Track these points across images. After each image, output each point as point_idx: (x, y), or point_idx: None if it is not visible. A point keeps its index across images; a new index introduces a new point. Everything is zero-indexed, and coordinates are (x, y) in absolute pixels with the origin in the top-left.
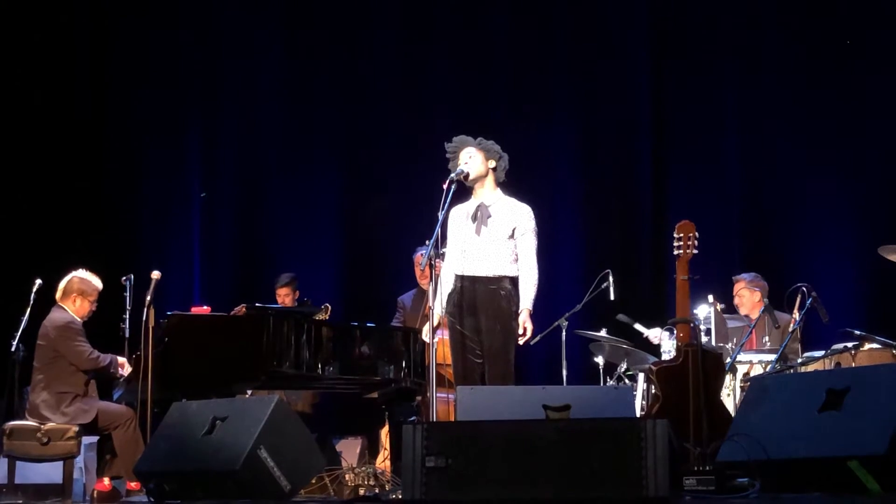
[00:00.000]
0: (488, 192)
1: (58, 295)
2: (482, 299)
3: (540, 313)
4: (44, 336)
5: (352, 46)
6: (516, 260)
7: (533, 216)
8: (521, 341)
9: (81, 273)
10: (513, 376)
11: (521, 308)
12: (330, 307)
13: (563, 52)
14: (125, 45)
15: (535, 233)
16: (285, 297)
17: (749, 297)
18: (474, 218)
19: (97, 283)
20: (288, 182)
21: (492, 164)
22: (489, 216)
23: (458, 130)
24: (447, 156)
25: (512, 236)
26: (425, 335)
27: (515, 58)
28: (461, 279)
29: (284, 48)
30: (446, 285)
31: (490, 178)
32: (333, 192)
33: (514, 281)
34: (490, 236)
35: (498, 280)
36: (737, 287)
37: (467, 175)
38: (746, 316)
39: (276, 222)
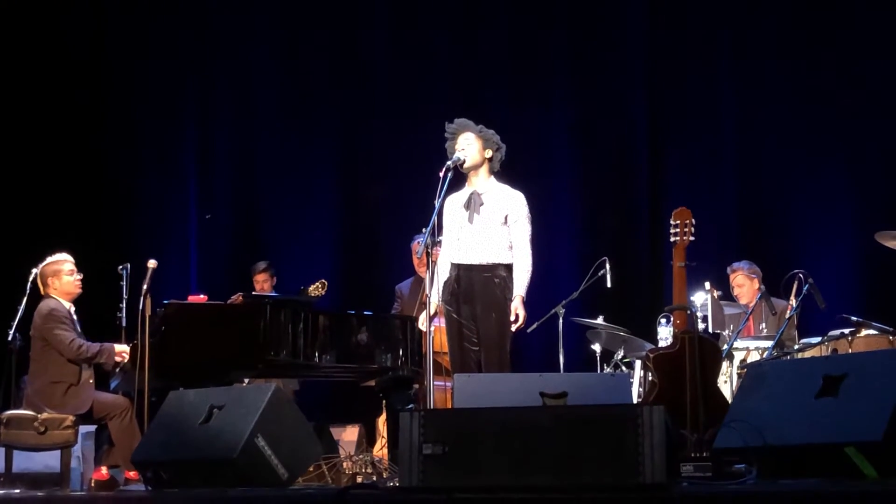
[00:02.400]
0: (482, 181)
1: (41, 290)
2: (477, 287)
3: (537, 301)
4: (33, 325)
5: (349, 31)
6: (511, 247)
7: (526, 203)
8: (513, 328)
9: (44, 261)
10: (509, 363)
11: (513, 295)
12: (326, 283)
13: (561, 38)
14: (123, 32)
15: (529, 219)
16: (263, 283)
17: (749, 285)
18: (467, 206)
19: (61, 256)
20: (285, 170)
21: (488, 153)
22: (482, 204)
23: (454, 116)
24: (446, 135)
25: (505, 223)
26: (422, 324)
27: (513, 43)
28: (456, 267)
29: (283, 34)
30: (442, 274)
31: (485, 168)
32: (330, 179)
33: (508, 268)
34: (483, 224)
35: (492, 268)
36: (735, 276)
37: (463, 162)
38: (746, 304)
39: (273, 211)
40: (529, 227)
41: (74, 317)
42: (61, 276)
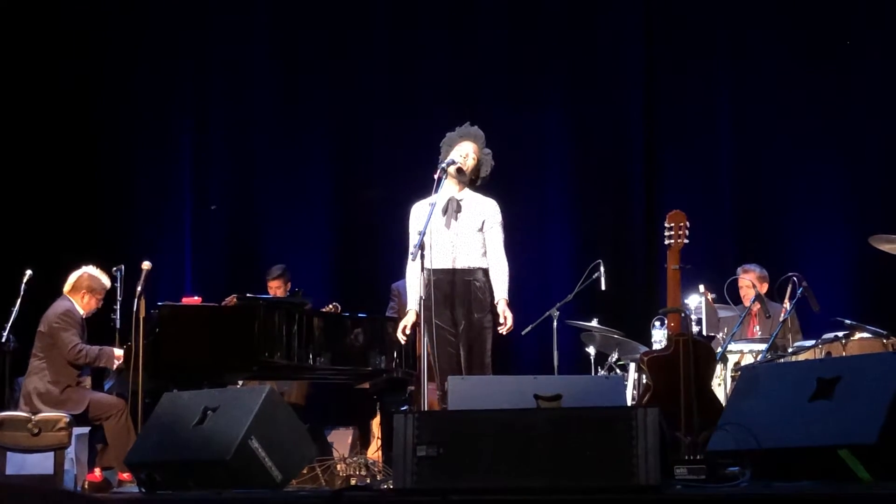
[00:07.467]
0: (458, 189)
1: (66, 288)
2: (458, 291)
3: (531, 303)
4: (45, 323)
5: (344, 34)
6: (485, 253)
7: (500, 210)
8: (502, 331)
9: (92, 270)
10: (490, 366)
11: (497, 299)
12: (339, 306)
13: (556, 41)
14: (118, 34)
15: (503, 226)
16: (277, 289)
17: (759, 289)
18: (445, 211)
19: (106, 281)
20: (280, 171)
21: (474, 175)
22: (459, 211)
23: (450, 119)
24: (450, 134)
25: (480, 230)
26: (401, 332)
27: (509, 46)
28: (435, 272)
29: (276, 36)
30: (420, 278)
31: (468, 181)
32: (325, 180)
33: (486, 272)
34: (460, 229)
35: (472, 272)
36: (748, 277)
37: (460, 169)
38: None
39: (268, 212)
40: (503, 234)
41: (84, 324)
42: (95, 296)
